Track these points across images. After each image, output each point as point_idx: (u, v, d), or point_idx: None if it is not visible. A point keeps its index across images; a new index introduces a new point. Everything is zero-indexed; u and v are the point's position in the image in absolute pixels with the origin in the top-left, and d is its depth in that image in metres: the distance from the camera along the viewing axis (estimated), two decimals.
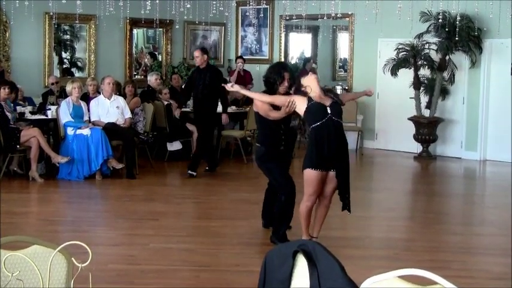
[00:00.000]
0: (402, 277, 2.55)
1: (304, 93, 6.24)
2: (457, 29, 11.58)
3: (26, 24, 12.80)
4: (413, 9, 11.42)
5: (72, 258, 2.76)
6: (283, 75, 6.68)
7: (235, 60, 14.63)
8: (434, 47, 12.67)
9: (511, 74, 12.39)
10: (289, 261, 2.87)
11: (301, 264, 2.85)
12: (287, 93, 6.64)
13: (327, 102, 6.23)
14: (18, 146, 9.94)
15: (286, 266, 2.87)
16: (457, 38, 11.90)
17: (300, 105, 6.25)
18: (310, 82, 6.23)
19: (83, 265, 2.42)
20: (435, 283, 2.46)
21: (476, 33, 12.25)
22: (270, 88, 6.76)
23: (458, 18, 11.53)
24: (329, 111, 6.18)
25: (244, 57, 14.88)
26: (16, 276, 2.58)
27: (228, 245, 6.92)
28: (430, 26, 12.57)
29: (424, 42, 12.73)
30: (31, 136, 9.93)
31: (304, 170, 6.28)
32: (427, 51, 12.74)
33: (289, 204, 6.78)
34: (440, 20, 11.92)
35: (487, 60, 12.76)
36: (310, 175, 6.23)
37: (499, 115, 12.71)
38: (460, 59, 12.77)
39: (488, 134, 12.89)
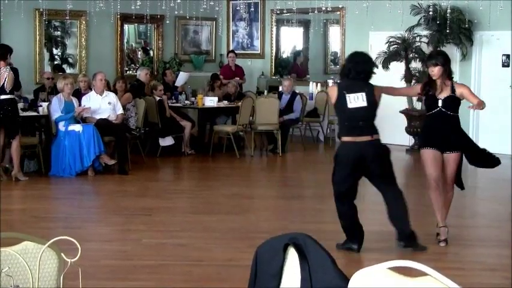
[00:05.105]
0: (393, 269, 2.54)
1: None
2: (448, 22, 11.59)
3: (16, 21, 12.75)
4: (404, 2, 11.43)
5: (62, 254, 2.75)
6: None
7: (227, 54, 14.59)
8: (425, 39, 12.67)
9: (501, 66, 12.41)
10: (280, 254, 2.87)
11: (292, 258, 2.85)
12: None
13: (442, 94, 6.74)
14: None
15: (277, 260, 2.87)
16: (447, 31, 11.91)
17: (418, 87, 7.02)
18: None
19: (72, 260, 2.42)
20: (426, 275, 2.46)
21: (467, 26, 12.27)
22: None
23: (449, 10, 11.53)
24: (440, 104, 6.71)
25: (235, 51, 14.88)
26: (6, 273, 2.58)
27: (221, 240, 6.92)
28: (420, 18, 12.57)
29: (415, 35, 12.73)
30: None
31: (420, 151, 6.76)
32: (418, 44, 12.74)
33: (339, 210, 6.67)
34: (431, 13, 11.92)
35: (478, 52, 12.77)
36: (423, 154, 6.76)
37: (490, 107, 12.67)
38: (451, 51, 12.72)
39: (479, 126, 12.90)
